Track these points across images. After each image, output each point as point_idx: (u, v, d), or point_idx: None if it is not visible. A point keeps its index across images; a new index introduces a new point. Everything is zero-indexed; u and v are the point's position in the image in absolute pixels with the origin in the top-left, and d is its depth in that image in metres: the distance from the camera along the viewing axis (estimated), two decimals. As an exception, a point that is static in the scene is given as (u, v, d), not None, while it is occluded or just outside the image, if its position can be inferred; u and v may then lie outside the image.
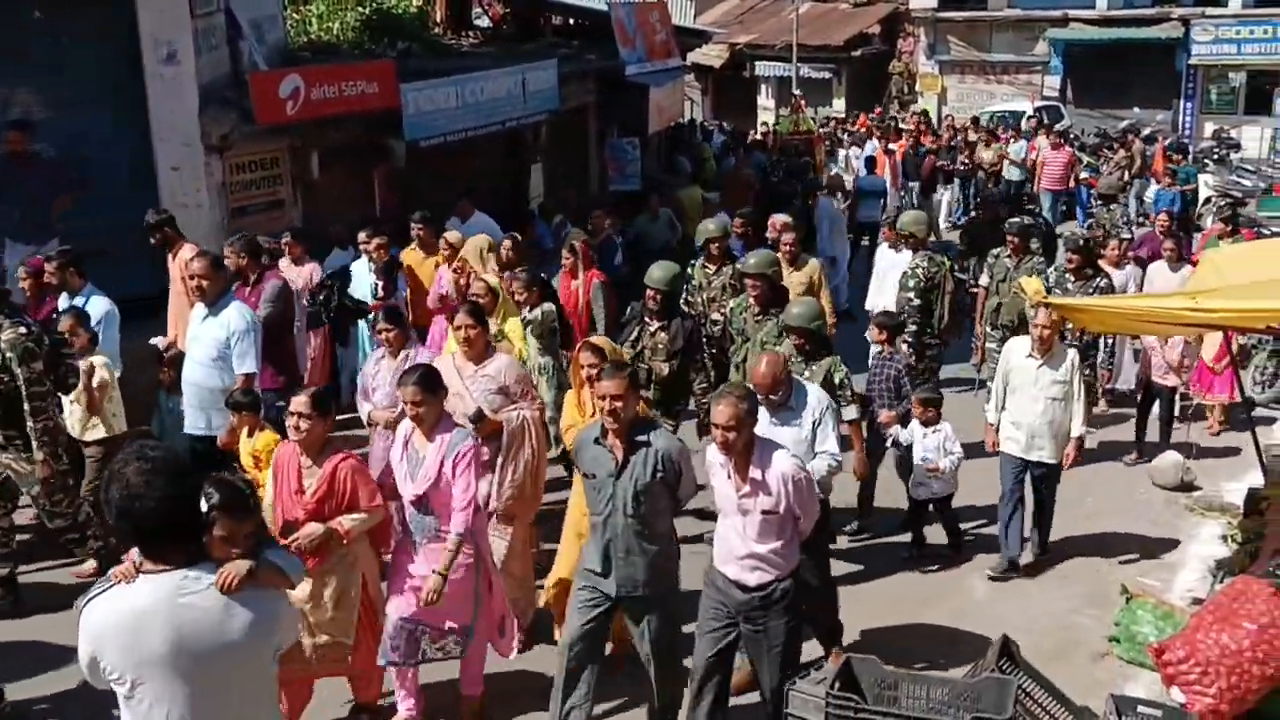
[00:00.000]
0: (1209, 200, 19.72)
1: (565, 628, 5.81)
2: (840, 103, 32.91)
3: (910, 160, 20.27)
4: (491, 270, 9.51)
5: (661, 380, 8.15)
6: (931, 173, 20.45)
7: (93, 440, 7.75)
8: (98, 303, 8.23)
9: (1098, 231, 12.94)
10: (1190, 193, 19.25)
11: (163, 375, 8.71)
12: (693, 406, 8.72)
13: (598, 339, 6.78)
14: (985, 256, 11.37)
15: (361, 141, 12.26)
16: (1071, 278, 9.97)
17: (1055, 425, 7.77)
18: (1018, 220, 11.44)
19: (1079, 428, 7.82)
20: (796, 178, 18.58)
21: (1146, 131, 24.19)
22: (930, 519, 8.36)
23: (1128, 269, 11.18)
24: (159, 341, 8.93)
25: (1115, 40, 29.22)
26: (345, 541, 5.59)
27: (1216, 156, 22.74)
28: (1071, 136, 23.08)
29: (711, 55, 32.13)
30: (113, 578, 3.38)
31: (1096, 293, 9.81)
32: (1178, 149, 23.15)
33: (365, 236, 10.35)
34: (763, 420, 6.04)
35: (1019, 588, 7.76)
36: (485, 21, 21.24)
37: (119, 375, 8.01)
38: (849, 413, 7.08)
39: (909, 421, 8.22)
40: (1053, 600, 7.66)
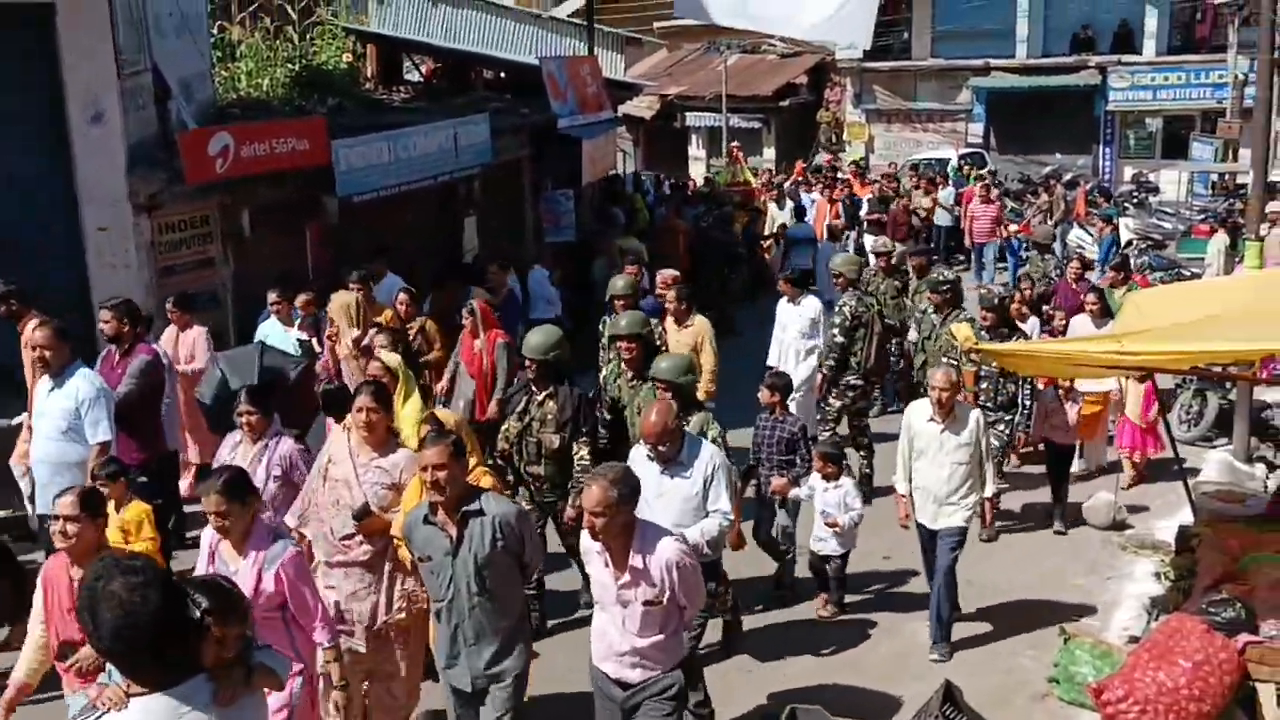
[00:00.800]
0: (1130, 243, 20.16)
1: None
2: (771, 151, 33.34)
3: (847, 209, 20.45)
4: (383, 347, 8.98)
5: (552, 453, 7.43)
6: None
7: None
8: None
9: (1025, 284, 12.84)
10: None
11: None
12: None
13: (442, 412, 6.27)
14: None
15: (293, 198, 12.19)
16: (987, 335, 9.58)
17: (962, 491, 7.41)
18: (940, 276, 11.27)
19: (991, 488, 7.65)
20: (725, 228, 18.68)
21: (1068, 177, 24.73)
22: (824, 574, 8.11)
23: (1031, 321, 11.05)
24: (22, 418, 8.19)
25: (1035, 88, 29.92)
26: None
27: (1136, 200, 23.27)
28: (998, 179, 23.38)
29: (642, 107, 32.41)
30: (100, 705, 3.12)
31: None
32: (1102, 192, 23.73)
33: (276, 297, 9.99)
34: (653, 474, 5.90)
35: (957, 630, 7.77)
36: (417, 76, 21.28)
37: None
38: None
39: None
40: (992, 642, 7.72)
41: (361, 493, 5.91)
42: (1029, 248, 15.76)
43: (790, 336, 11.13)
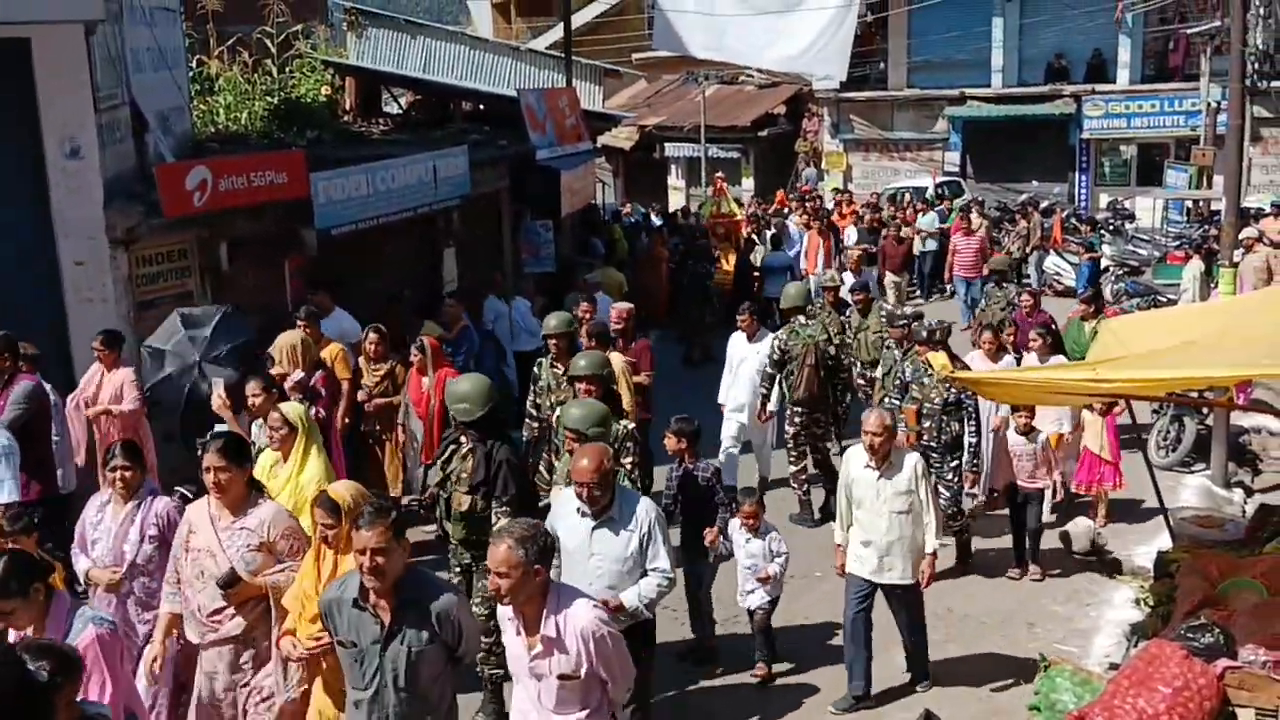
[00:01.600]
0: (1107, 270, 20.30)
1: None
2: (749, 181, 33.50)
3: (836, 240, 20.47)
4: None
5: (462, 514, 6.73)
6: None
7: None
8: None
9: (984, 315, 12.71)
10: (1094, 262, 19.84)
11: None
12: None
13: (335, 490, 5.45)
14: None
15: (272, 231, 12.16)
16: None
17: (906, 542, 7.06)
18: (894, 311, 11.14)
19: (932, 542, 7.16)
20: (703, 260, 18.70)
21: (1045, 204, 24.91)
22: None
23: (1006, 359, 10.15)
24: None
25: (1011, 116, 30.16)
26: None
27: (1112, 227, 23.44)
28: (984, 209, 23.25)
29: (621, 138, 32.55)
30: None
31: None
32: (1083, 219, 23.88)
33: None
34: (584, 530, 5.55)
35: (936, 659, 7.75)
36: (395, 109, 21.32)
37: None
38: None
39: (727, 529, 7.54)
40: (972, 670, 7.72)
41: (227, 559, 5.53)
42: (989, 279, 15.04)
43: (747, 372, 10.87)
